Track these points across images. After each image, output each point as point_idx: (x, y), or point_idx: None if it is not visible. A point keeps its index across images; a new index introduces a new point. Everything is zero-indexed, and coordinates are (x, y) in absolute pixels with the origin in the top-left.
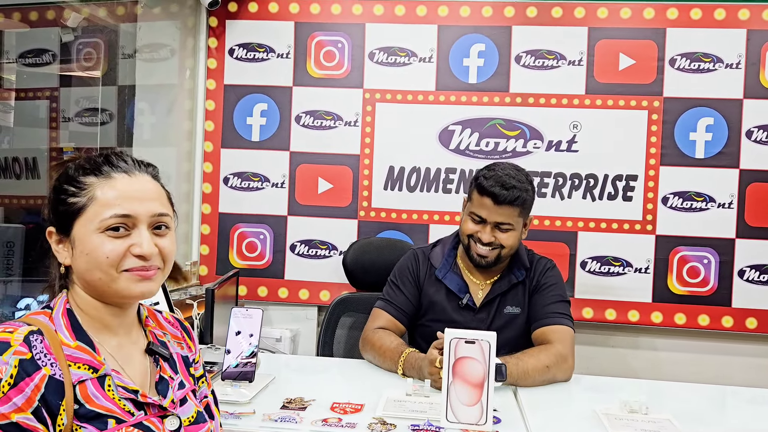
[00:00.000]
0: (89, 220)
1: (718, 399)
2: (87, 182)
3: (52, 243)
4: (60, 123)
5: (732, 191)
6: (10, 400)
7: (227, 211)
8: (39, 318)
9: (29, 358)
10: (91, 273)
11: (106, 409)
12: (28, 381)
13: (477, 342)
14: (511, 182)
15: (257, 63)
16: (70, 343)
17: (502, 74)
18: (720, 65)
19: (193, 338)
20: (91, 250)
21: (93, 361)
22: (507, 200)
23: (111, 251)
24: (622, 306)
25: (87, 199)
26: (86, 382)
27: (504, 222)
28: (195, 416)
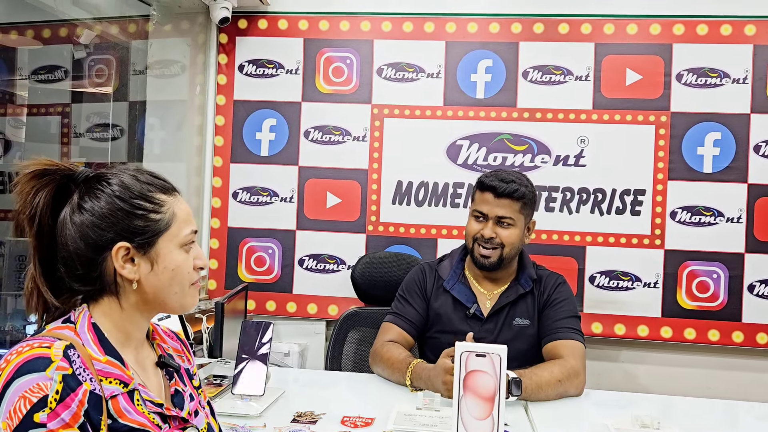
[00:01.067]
0: (173, 236)
1: (730, 415)
2: (162, 199)
3: (118, 259)
4: (71, 138)
5: (740, 205)
6: (59, 415)
7: (236, 226)
8: (65, 333)
9: (71, 374)
10: (170, 288)
11: (138, 423)
12: (73, 396)
13: (488, 355)
14: (510, 177)
15: (267, 79)
16: (100, 357)
17: (510, 89)
18: (727, 80)
19: (189, 350)
20: (177, 266)
21: (123, 375)
22: (506, 192)
23: (190, 266)
24: (632, 321)
25: (170, 216)
26: (118, 397)
27: (505, 216)
28: (207, 428)
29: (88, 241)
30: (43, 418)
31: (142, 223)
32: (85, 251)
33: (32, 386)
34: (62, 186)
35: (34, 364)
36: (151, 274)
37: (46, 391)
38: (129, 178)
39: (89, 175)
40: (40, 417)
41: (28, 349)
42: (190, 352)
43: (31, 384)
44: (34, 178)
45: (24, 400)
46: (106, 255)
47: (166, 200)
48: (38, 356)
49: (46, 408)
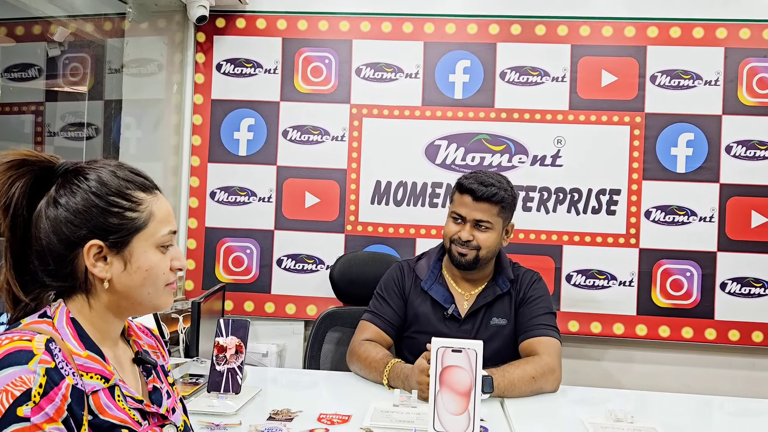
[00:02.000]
0: (149, 236)
1: (703, 409)
2: (140, 198)
3: (89, 257)
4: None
5: (713, 205)
6: (42, 409)
7: (214, 226)
8: (42, 327)
9: (54, 367)
10: (143, 288)
11: (119, 419)
12: (57, 390)
13: (464, 351)
14: (490, 181)
15: (245, 78)
16: (80, 352)
17: (488, 90)
18: (699, 82)
19: (164, 347)
20: (151, 266)
21: (104, 371)
22: (485, 196)
23: (166, 267)
24: (608, 319)
25: (147, 215)
26: (99, 393)
27: (483, 219)
28: (183, 426)
29: (61, 236)
30: (27, 412)
31: (116, 221)
32: (57, 246)
33: (14, 379)
34: (41, 178)
35: (16, 357)
36: (124, 274)
37: (29, 385)
38: (108, 174)
39: (68, 168)
40: (24, 411)
41: (7, 342)
42: (164, 348)
43: (13, 377)
44: (11, 167)
45: (6, 393)
46: (78, 252)
47: (144, 198)
48: (20, 349)
49: (29, 402)
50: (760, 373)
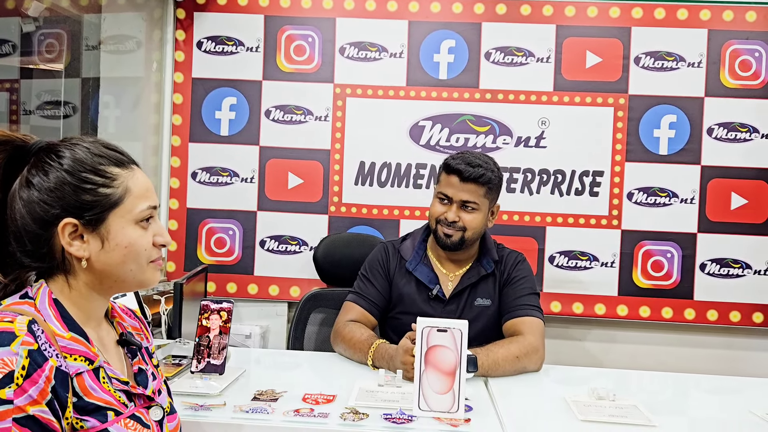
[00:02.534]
0: (126, 212)
1: (681, 387)
2: (114, 173)
3: (65, 236)
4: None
5: (694, 187)
6: (26, 392)
7: (195, 207)
8: (24, 308)
9: (36, 349)
10: (124, 265)
11: (104, 401)
12: (40, 372)
13: (449, 330)
14: (477, 162)
15: (226, 56)
16: (64, 334)
17: (472, 70)
18: (683, 64)
19: (147, 329)
20: (130, 243)
21: (88, 352)
22: (472, 177)
23: (147, 243)
24: (590, 300)
25: (122, 191)
26: (83, 374)
27: (469, 200)
28: (169, 407)
29: (35, 216)
30: (10, 395)
31: (90, 197)
32: (32, 227)
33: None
34: (14, 158)
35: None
36: (102, 252)
37: (11, 367)
38: (80, 151)
39: (42, 146)
40: (7, 393)
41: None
42: (148, 330)
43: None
44: None
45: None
46: (54, 231)
47: (119, 174)
48: (1, 331)
49: (12, 384)
50: (737, 351)
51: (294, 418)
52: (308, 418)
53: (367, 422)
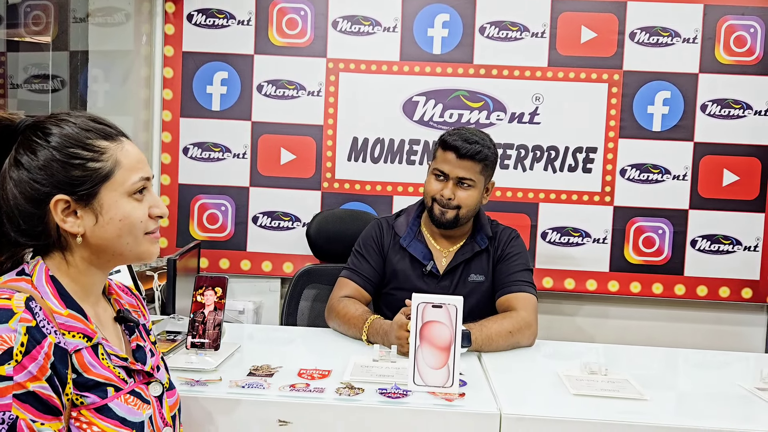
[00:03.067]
0: (118, 185)
1: (671, 361)
2: (102, 146)
3: (57, 213)
4: (8, 90)
5: (686, 163)
6: (25, 368)
7: (187, 182)
8: (21, 285)
9: (35, 326)
10: (120, 239)
11: (104, 377)
12: (39, 349)
13: (444, 306)
14: (474, 138)
15: (217, 30)
16: (61, 311)
17: (467, 45)
18: (678, 39)
19: (144, 305)
20: (125, 216)
21: (86, 329)
22: (469, 154)
23: (143, 215)
24: (581, 275)
25: (112, 164)
26: (82, 351)
27: (466, 177)
28: (168, 383)
29: (27, 195)
30: (9, 371)
31: (79, 173)
32: (25, 206)
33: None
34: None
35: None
36: (97, 227)
37: (10, 343)
38: (67, 126)
39: (28, 124)
40: (6, 370)
41: None
42: (145, 307)
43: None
44: None
45: None
46: (47, 209)
47: (107, 147)
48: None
49: (11, 360)
50: (726, 327)
51: (290, 392)
52: (304, 392)
53: (362, 397)
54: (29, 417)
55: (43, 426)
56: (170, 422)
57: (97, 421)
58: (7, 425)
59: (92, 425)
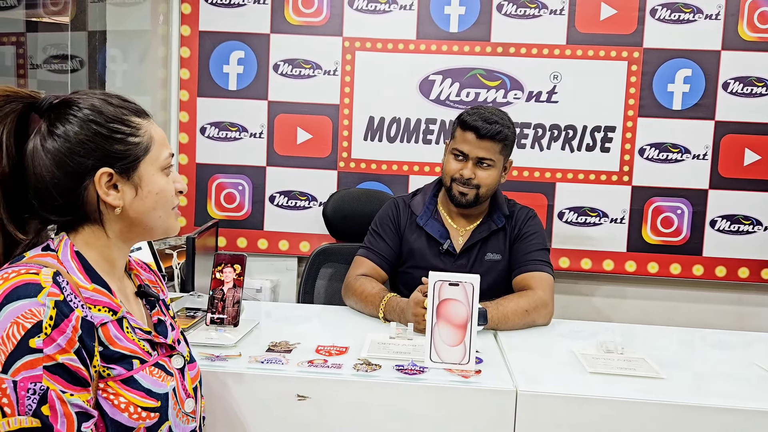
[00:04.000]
0: (154, 160)
1: (688, 341)
2: (137, 122)
3: (101, 186)
4: (27, 70)
5: (707, 143)
6: (54, 341)
7: (205, 162)
8: (47, 260)
9: (62, 300)
10: (155, 212)
11: (129, 350)
12: (67, 322)
13: (461, 284)
14: (494, 118)
15: (233, 9)
16: (87, 285)
17: (484, 23)
18: (700, 16)
19: (162, 281)
20: (161, 190)
21: (111, 303)
22: (489, 134)
23: (173, 189)
24: (598, 255)
25: (148, 139)
26: (107, 324)
27: (485, 157)
28: (189, 356)
29: (67, 169)
30: (39, 344)
31: (122, 147)
32: (63, 180)
33: (24, 312)
34: (24, 115)
35: (24, 289)
36: (136, 200)
37: (39, 317)
38: (100, 102)
39: (53, 102)
40: (36, 342)
41: (14, 276)
42: (163, 283)
43: (23, 310)
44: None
45: (17, 325)
46: (88, 183)
47: (141, 123)
48: (27, 282)
49: (41, 333)
50: (746, 308)
51: (308, 368)
52: (322, 368)
53: (379, 373)
54: (59, 388)
55: (72, 396)
56: (192, 394)
57: (123, 392)
58: (38, 395)
59: (119, 396)
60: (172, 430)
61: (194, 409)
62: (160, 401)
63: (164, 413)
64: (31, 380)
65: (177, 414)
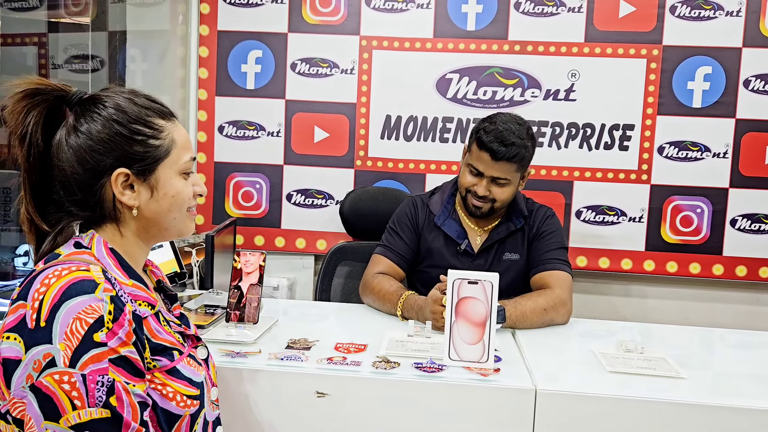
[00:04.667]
0: (173, 163)
1: (708, 341)
2: (160, 125)
3: (117, 185)
4: (49, 70)
5: (727, 141)
6: (116, 334)
7: (223, 160)
8: (84, 257)
9: (116, 295)
10: (170, 214)
11: (169, 342)
12: (124, 316)
13: (480, 282)
14: (511, 138)
15: (251, 8)
16: (126, 281)
17: (501, 21)
18: (720, 13)
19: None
20: (177, 192)
21: (149, 298)
22: (505, 157)
23: (190, 192)
24: (616, 254)
25: (169, 142)
26: (148, 318)
27: (500, 177)
28: None
29: (86, 165)
30: (103, 338)
31: (141, 149)
32: (82, 176)
33: (85, 308)
34: (54, 107)
35: (81, 286)
36: (151, 201)
37: (100, 312)
38: (125, 102)
39: (83, 97)
40: (100, 336)
41: (67, 273)
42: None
43: (83, 306)
44: (25, 97)
45: (79, 321)
46: (105, 181)
47: (164, 126)
48: (82, 278)
49: (103, 328)
50: (765, 308)
51: (327, 365)
52: (341, 365)
53: (398, 371)
54: (123, 379)
55: (134, 387)
56: (216, 383)
57: (169, 382)
58: (106, 387)
59: (166, 386)
60: (206, 418)
61: (217, 397)
62: (199, 389)
63: (202, 401)
64: (99, 373)
65: (207, 402)
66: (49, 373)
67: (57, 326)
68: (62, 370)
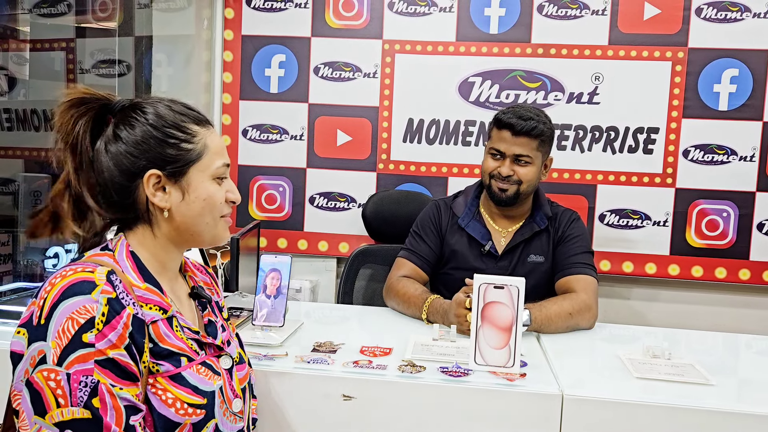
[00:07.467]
0: (205, 167)
1: (734, 347)
2: (194, 130)
3: (149, 186)
4: (77, 75)
5: (754, 144)
6: (105, 336)
7: (246, 164)
8: (104, 259)
9: (115, 297)
10: (201, 218)
11: (177, 347)
12: (119, 319)
13: (506, 287)
14: (529, 114)
15: (275, 13)
16: (139, 284)
17: (524, 24)
18: (747, 15)
19: (217, 283)
20: (208, 196)
21: (162, 302)
22: (524, 130)
23: (222, 198)
24: (640, 258)
25: (202, 147)
26: (158, 322)
27: (522, 154)
28: (238, 357)
29: (122, 167)
30: (91, 339)
31: (174, 151)
32: (118, 177)
33: (79, 308)
34: (99, 115)
35: (79, 287)
36: (183, 204)
37: (92, 313)
38: (163, 108)
39: (125, 105)
40: (89, 337)
41: (71, 273)
42: (218, 285)
43: (77, 306)
44: (72, 106)
45: (71, 321)
46: (139, 182)
47: (198, 131)
48: (83, 280)
49: (93, 329)
50: None
51: (354, 369)
52: (367, 369)
53: (424, 374)
54: (109, 381)
55: (121, 390)
56: (240, 394)
57: (171, 387)
58: (89, 388)
59: (167, 391)
60: (219, 429)
61: (242, 410)
62: (206, 399)
63: (210, 411)
64: (83, 373)
65: (224, 413)
66: (39, 369)
67: (52, 324)
68: (50, 368)
